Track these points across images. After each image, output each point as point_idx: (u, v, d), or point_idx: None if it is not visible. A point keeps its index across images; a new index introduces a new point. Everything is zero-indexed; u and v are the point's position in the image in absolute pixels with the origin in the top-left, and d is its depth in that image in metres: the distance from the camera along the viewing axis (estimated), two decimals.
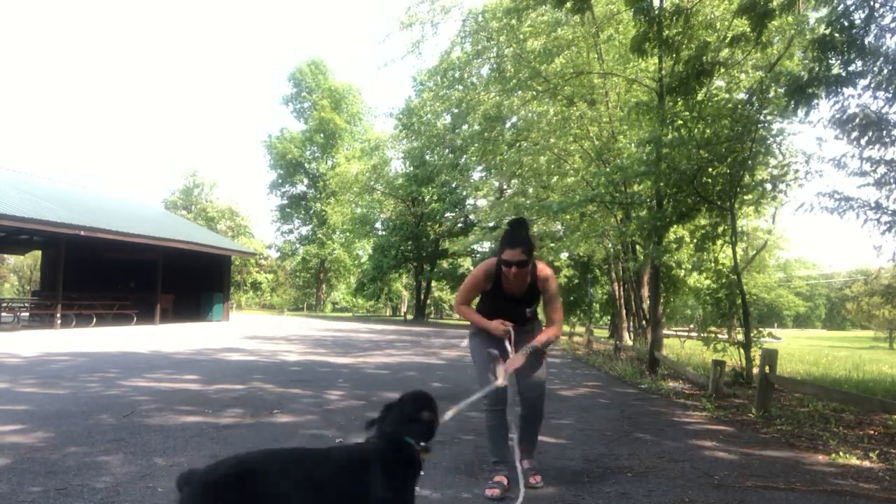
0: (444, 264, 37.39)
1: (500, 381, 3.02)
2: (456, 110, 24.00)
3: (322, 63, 52.16)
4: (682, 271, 19.67)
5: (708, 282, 10.44)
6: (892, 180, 6.94)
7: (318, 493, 1.79)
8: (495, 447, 3.29)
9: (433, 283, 43.41)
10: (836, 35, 6.19)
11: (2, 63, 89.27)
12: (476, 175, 30.61)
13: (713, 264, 9.65)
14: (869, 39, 6.22)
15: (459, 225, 34.73)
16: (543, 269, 3.30)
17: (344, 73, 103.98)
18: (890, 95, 6.46)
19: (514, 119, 18.51)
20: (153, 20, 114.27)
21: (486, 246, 32.74)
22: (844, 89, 6.47)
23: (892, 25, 6.35)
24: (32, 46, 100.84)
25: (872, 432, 5.26)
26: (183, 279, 22.39)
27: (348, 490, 1.83)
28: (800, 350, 20.77)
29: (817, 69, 6.44)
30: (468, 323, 3.44)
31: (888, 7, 6.32)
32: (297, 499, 1.76)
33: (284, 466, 1.81)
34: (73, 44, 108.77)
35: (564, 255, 24.76)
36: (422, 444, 2.01)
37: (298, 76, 51.48)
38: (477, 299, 3.48)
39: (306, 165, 52.21)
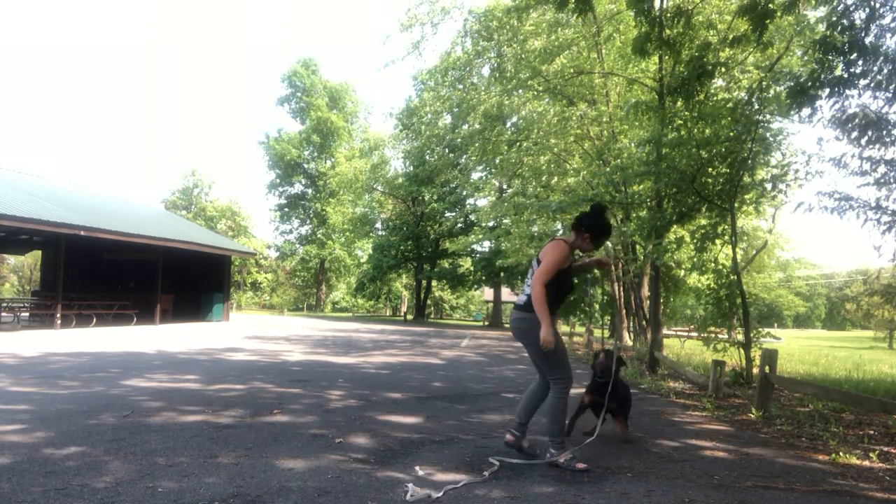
0: (445, 264, 37.41)
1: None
2: (456, 110, 23.96)
3: (313, 62, 52.09)
4: (682, 271, 19.66)
5: (708, 282, 10.44)
6: (892, 180, 6.94)
7: None
8: (565, 427, 3.90)
9: (433, 283, 43.41)
10: (837, 35, 6.19)
11: (2, 63, 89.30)
12: (476, 175, 30.61)
13: (713, 264, 9.65)
14: (869, 39, 6.22)
15: (459, 225, 34.73)
16: None
17: (342, 73, 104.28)
18: (890, 95, 6.47)
19: (515, 119, 18.49)
20: (152, 20, 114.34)
21: (487, 246, 32.74)
22: (846, 90, 6.48)
23: (893, 25, 6.35)
24: (32, 46, 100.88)
25: (872, 432, 5.27)
26: (183, 279, 22.42)
27: None
28: (800, 350, 20.76)
29: (819, 70, 6.44)
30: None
31: (888, 7, 6.32)
32: None
33: None
34: (73, 44, 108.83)
35: None
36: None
37: (294, 77, 51.44)
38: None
39: (304, 165, 52.17)
